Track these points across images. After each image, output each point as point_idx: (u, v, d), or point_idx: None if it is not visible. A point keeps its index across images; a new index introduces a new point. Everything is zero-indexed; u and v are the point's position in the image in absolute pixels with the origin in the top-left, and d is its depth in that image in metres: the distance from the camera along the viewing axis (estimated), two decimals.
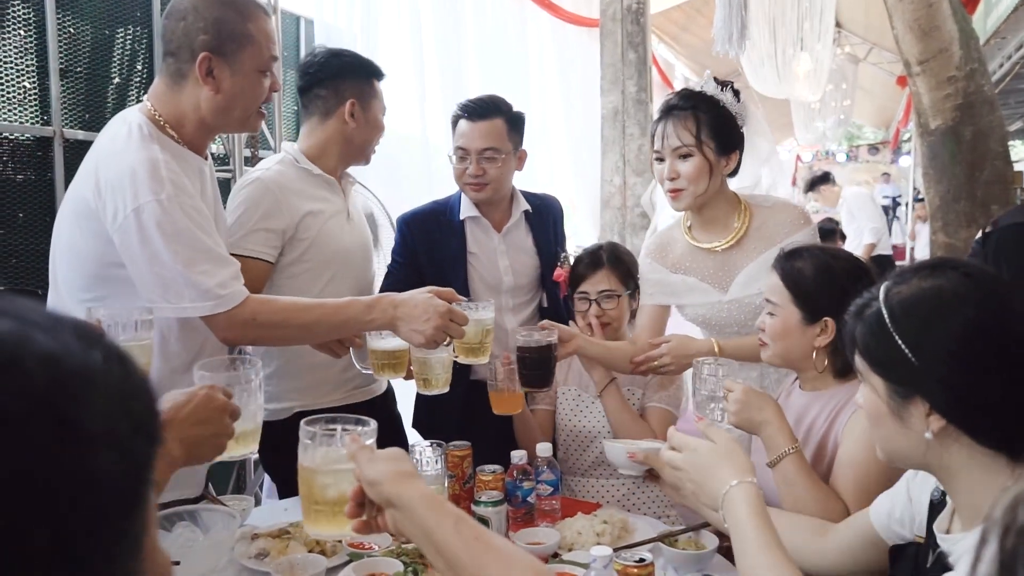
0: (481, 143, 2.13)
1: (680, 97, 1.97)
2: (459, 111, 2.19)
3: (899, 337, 0.99)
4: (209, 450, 1.18)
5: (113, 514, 0.43)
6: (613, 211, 4.62)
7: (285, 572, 1.48)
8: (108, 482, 0.43)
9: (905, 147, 9.88)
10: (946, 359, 0.97)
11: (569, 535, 1.66)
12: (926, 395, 0.98)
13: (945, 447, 0.99)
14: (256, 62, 1.62)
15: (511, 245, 2.26)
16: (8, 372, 0.41)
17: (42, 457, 0.40)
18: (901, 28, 4.94)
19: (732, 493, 1.11)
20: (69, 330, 0.46)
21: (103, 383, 0.45)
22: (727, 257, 1.97)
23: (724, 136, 1.92)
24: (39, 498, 0.39)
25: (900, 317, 1.00)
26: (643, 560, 1.34)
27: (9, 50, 2.26)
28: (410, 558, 1.55)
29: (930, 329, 0.98)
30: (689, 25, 6.98)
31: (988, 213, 5.01)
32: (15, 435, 0.39)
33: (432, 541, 0.91)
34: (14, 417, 0.40)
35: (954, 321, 0.97)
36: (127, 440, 0.44)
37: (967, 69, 4.93)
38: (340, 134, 2.05)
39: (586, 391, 2.15)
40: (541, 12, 5.18)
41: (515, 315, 2.25)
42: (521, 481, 1.78)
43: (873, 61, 9.05)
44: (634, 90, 4.53)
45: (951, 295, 0.99)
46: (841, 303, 1.62)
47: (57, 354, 0.43)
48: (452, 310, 1.63)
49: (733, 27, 3.80)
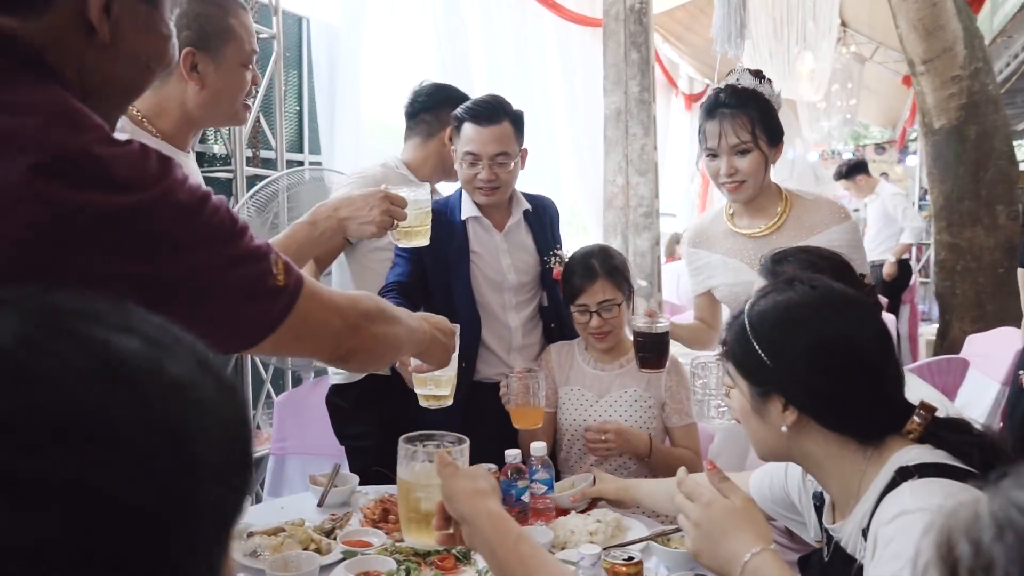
0: (493, 148, 2.12)
1: (729, 95, 2.01)
2: (465, 114, 2.15)
3: (756, 344, 1.15)
4: (439, 354, 1.42)
5: (211, 544, 0.44)
6: (616, 211, 4.62)
7: (279, 569, 1.49)
8: (213, 514, 0.43)
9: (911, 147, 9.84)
10: (795, 360, 1.13)
11: (562, 534, 1.67)
12: (780, 392, 1.14)
13: (802, 436, 1.15)
14: (239, 56, 1.65)
15: (512, 244, 2.26)
16: (139, 402, 0.41)
17: (163, 489, 0.40)
18: (905, 27, 4.93)
19: (754, 562, 1.10)
20: (189, 354, 0.46)
21: (219, 415, 0.45)
22: (765, 242, 2.02)
23: (772, 128, 2.01)
24: (155, 529, 0.40)
25: (757, 327, 1.16)
26: (632, 558, 1.35)
27: None
28: (403, 556, 1.57)
29: (781, 336, 1.15)
30: (693, 25, 6.97)
31: (992, 212, 4.99)
32: (140, 466, 0.39)
33: (495, 556, 1.01)
34: (141, 448, 0.40)
35: (800, 327, 1.14)
36: (234, 473, 0.45)
37: (971, 68, 4.91)
38: (438, 154, 2.33)
39: (589, 391, 2.15)
40: (544, 11, 5.18)
41: (518, 312, 2.26)
42: (515, 480, 1.79)
43: (879, 60, 9.01)
44: (637, 90, 4.52)
45: (797, 306, 1.15)
46: None
47: (184, 383, 0.43)
48: (389, 194, 1.69)
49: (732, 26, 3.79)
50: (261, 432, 3.08)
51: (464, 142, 2.14)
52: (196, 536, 0.42)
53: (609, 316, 2.09)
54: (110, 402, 0.40)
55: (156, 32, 0.95)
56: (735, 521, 1.14)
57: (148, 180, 0.83)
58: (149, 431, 0.40)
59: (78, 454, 0.38)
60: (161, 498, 0.40)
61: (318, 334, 1.05)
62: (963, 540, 0.48)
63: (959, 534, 0.48)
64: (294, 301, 0.97)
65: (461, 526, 1.07)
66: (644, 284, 4.33)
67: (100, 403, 0.39)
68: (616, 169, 4.61)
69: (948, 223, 5.24)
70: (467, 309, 2.17)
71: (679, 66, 8.20)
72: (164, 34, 0.97)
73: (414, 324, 1.31)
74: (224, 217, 0.91)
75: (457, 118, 2.17)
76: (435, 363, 1.46)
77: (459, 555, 1.58)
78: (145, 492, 0.39)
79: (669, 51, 7.67)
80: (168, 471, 0.40)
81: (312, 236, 1.69)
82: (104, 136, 0.83)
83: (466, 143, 2.13)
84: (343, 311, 1.07)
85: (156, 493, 0.39)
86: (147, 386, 0.41)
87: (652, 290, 4.49)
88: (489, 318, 2.22)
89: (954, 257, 5.23)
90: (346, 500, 1.92)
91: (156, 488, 0.40)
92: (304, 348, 1.10)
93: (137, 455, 0.39)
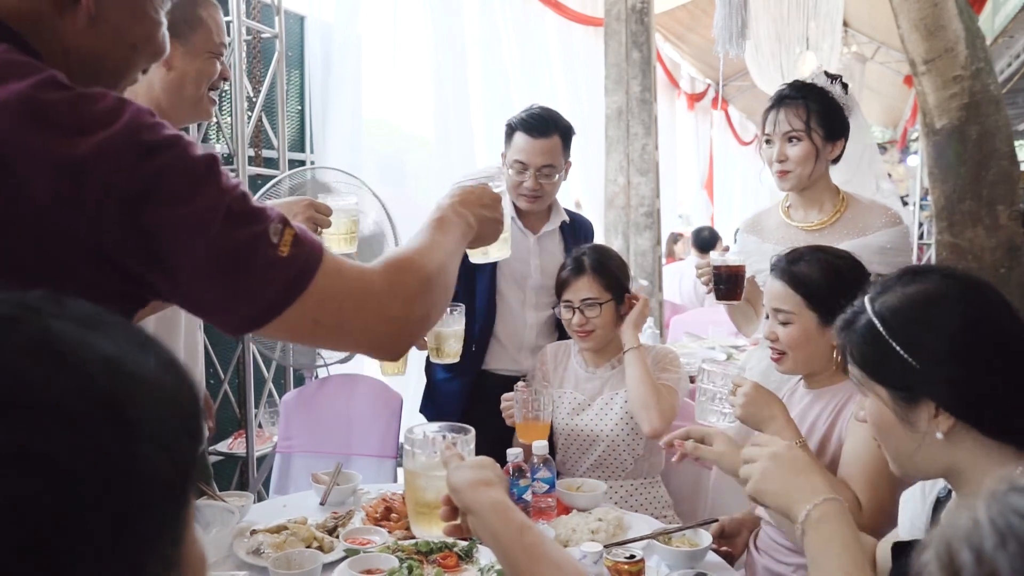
0: (541, 160, 2.21)
1: (791, 88, 2.10)
2: (518, 125, 2.24)
3: (896, 343, 1.02)
4: (491, 231, 1.28)
5: (158, 509, 0.45)
6: (617, 210, 4.62)
7: (282, 567, 1.50)
8: (156, 478, 0.44)
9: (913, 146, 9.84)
10: (946, 357, 1.00)
11: (564, 532, 1.68)
12: (932, 395, 1.01)
13: (955, 445, 1.02)
14: (207, 44, 1.73)
15: (544, 248, 2.34)
16: (71, 373, 0.43)
17: (100, 453, 0.42)
18: (907, 27, 4.92)
19: (818, 511, 1.08)
20: (123, 333, 0.48)
21: (156, 385, 0.47)
22: (817, 236, 2.06)
23: (831, 124, 2.06)
24: (95, 491, 0.41)
25: (893, 324, 1.03)
26: (633, 556, 1.35)
27: None
28: (405, 554, 1.57)
29: (925, 331, 1.02)
30: (695, 25, 6.97)
31: (993, 213, 4.99)
32: (77, 433, 0.41)
33: (500, 546, 1.00)
34: (76, 415, 0.42)
35: (947, 320, 1.01)
36: (175, 440, 0.46)
37: (973, 68, 4.91)
38: None
39: (581, 394, 2.15)
40: (546, 10, 5.19)
41: (536, 311, 2.34)
42: (517, 479, 1.80)
43: (881, 60, 9.01)
44: (638, 90, 4.53)
45: (938, 296, 1.03)
46: (851, 297, 1.65)
47: (116, 357, 0.45)
48: (313, 202, 1.72)
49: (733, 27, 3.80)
50: (263, 431, 3.09)
51: (514, 150, 2.24)
52: (144, 501, 0.43)
53: (592, 315, 2.08)
54: (45, 375, 0.42)
55: (144, 14, 0.95)
56: (806, 467, 1.13)
57: (99, 122, 0.78)
58: (82, 399, 0.42)
59: (17, 424, 0.40)
60: (97, 462, 0.41)
61: (351, 323, 0.89)
62: (964, 549, 0.47)
63: (960, 543, 0.48)
64: (304, 279, 0.84)
65: (467, 516, 1.07)
66: (645, 284, 4.33)
67: (35, 376, 0.42)
68: (617, 169, 4.62)
69: (949, 223, 5.24)
70: (486, 298, 2.27)
71: (680, 66, 8.19)
72: (153, 18, 0.96)
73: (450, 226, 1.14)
74: (199, 161, 0.81)
75: (510, 126, 2.26)
76: (492, 238, 1.30)
77: (461, 553, 1.59)
78: (81, 456, 0.41)
79: (670, 51, 7.67)
80: (102, 436, 0.42)
81: None
82: (50, 80, 0.79)
83: (516, 151, 2.23)
84: (375, 282, 0.91)
85: (92, 457, 0.41)
86: (79, 360, 0.44)
87: (653, 289, 4.49)
88: (506, 311, 2.30)
89: (955, 257, 5.23)
90: (348, 498, 1.93)
91: (92, 452, 0.41)
92: (338, 339, 0.94)
93: (72, 422, 0.41)
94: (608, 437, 2.07)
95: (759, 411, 1.58)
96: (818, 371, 1.70)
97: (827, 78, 2.11)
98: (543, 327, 2.35)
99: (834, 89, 2.09)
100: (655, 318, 4.27)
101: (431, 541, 1.61)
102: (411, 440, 1.24)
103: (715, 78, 8.80)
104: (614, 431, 2.08)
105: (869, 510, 1.46)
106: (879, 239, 2.02)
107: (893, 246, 2.02)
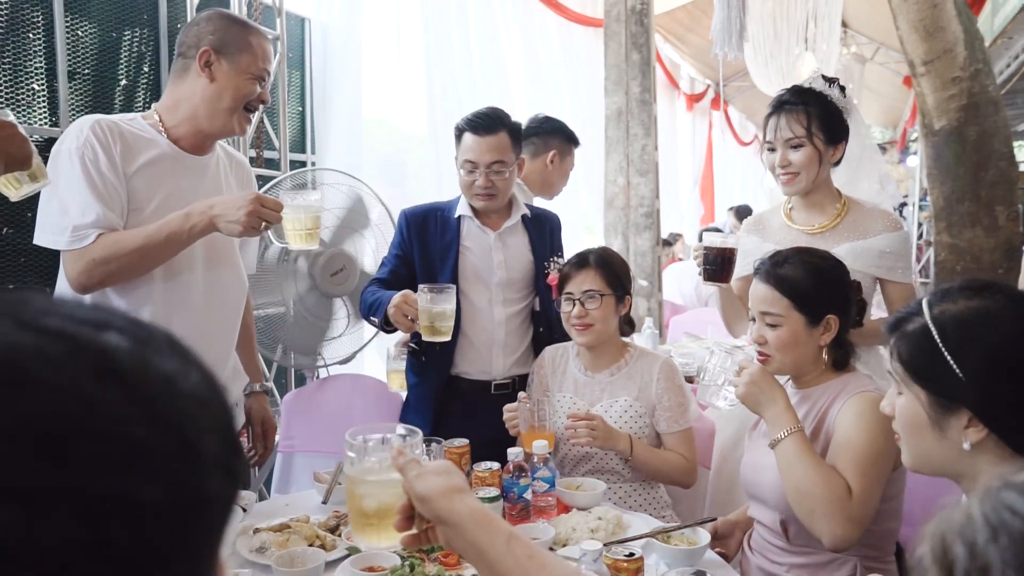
0: (489, 157, 2.22)
1: (791, 93, 2.13)
2: (465, 125, 2.26)
3: (948, 353, 1.06)
4: None
5: (219, 528, 0.44)
6: (617, 211, 4.64)
7: (285, 565, 1.51)
8: (219, 500, 0.43)
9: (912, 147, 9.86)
10: (992, 374, 1.05)
11: (564, 531, 1.69)
12: (970, 406, 1.06)
13: (978, 456, 1.07)
14: (251, 67, 1.85)
15: (506, 243, 2.33)
16: (138, 400, 0.40)
17: (176, 488, 0.40)
18: (906, 28, 4.93)
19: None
20: (166, 344, 0.44)
21: (207, 402, 0.44)
22: (818, 240, 2.08)
23: (832, 128, 2.09)
24: (173, 526, 0.40)
25: (950, 334, 1.07)
26: (633, 554, 1.36)
27: (19, 53, 2.30)
28: (407, 552, 1.58)
29: (979, 347, 1.06)
30: (695, 26, 6.98)
31: (992, 214, 5.00)
32: (156, 470, 0.39)
33: (485, 559, 0.91)
34: (154, 451, 0.40)
35: (1001, 340, 1.05)
36: (227, 458, 0.44)
37: (972, 70, 4.92)
38: (541, 171, 2.98)
39: (580, 399, 2.15)
40: (548, 12, 5.20)
41: (504, 308, 2.32)
42: (518, 478, 1.81)
43: (880, 61, 9.03)
44: (638, 91, 4.54)
45: (998, 316, 1.07)
46: (837, 297, 1.68)
47: (172, 376, 0.43)
48: (261, 196, 1.74)
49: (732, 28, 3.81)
50: None
51: (463, 151, 2.26)
52: (209, 527, 0.43)
53: (592, 307, 2.07)
54: (110, 404, 0.39)
55: None
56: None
57: None
58: (153, 431, 0.40)
59: (89, 461, 0.37)
60: (174, 497, 0.40)
61: None
62: (958, 543, 0.48)
63: (953, 537, 0.49)
64: None
65: (437, 528, 0.97)
66: (644, 284, 4.35)
67: (110, 407, 0.39)
68: (617, 169, 4.63)
69: (948, 224, 5.25)
70: None
71: (680, 67, 8.20)
72: None
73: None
74: None
75: (459, 128, 2.28)
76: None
77: None
78: (160, 490, 0.39)
79: (670, 52, 7.68)
80: (176, 470, 0.40)
81: (184, 227, 1.73)
82: None
83: (465, 152, 2.25)
84: None
85: (170, 487, 0.39)
86: (141, 382, 0.41)
87: (652, 289, 4.51)
88: (472, 310, 2.28)
89: (954, 258, 5.24)
90: None
91: (170, 489, 0.39)
92: None
93: (151, 459, 0.39)
94: None
95: (760, 393, 1.61)
96: (805, 372, 1.71)
97: (825, 82, 2.13)
98: (514, 324, 2.33)
99: (832, 92, 2.11)
100: (655, 318, 4.28)
101: None
102: (352, 444, 1.11)
103: (715, 79, 8.81)
104: None
105: (858, 498, 1.51)
106: (879, 243, 2.04)
107: (892, 250, 2.04)
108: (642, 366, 2.13)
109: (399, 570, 1.51)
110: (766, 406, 1.60)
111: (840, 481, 1.51)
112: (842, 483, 1.51)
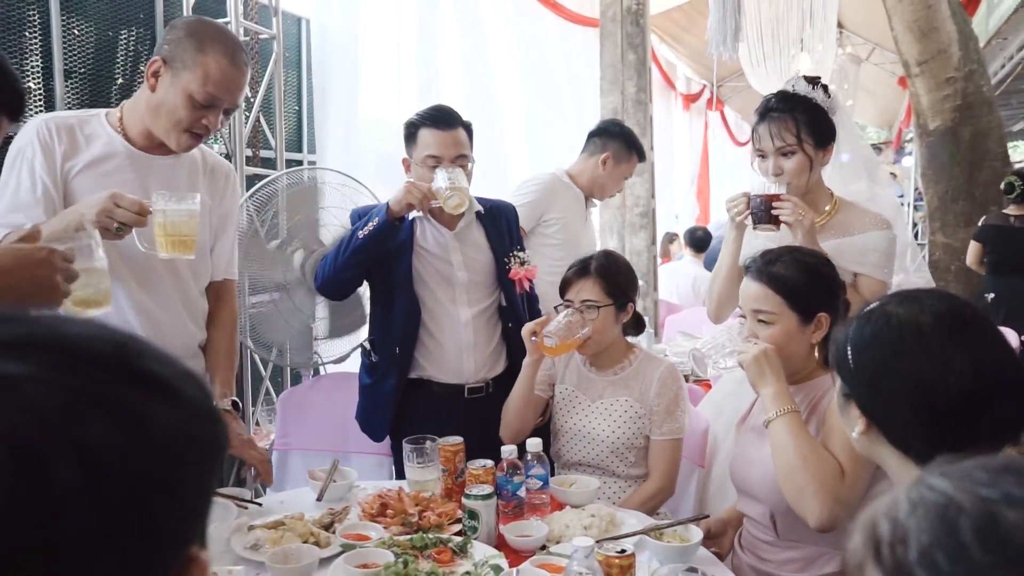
0: (454, 151, 2.17)
1: (778, 100, 2.13)
2: (423, 121, 2.19)
3: (850, 347, 1.17)
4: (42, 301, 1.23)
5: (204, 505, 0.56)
6: (612, 211, 4.65)
7: (279, 562, 1.52)
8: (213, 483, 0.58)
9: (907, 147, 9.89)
10: (869, 374, 1.14)
11: (557, 528, 1.70)
12: (855, 396, 1.17)
13: (873, 444, 1.18)
14: (191, 87, 1.76)
15: (464, 242, 2.28)
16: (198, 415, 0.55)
17: (205, 474, 0.55)
18: (900, 29, 4.96)
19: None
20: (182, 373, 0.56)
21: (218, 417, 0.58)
22: None
23: (820, 132, 2.09)
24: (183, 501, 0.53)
25: (855, 331, 1.17)
26: (624, 551, 1.37)
27: (15, 52, 2.30)
28: (401, 549, 1.60)
29: (869, 346, 1.14)
30: (691, 26, 7.00)
31: (986, 213, 5.03)
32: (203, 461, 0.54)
33: None
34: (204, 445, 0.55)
35: (881, 346, 1.13)
36: (221, 453, 0.58)
37: (966, 70, 4.95)
38: (592, 172, 3.09)
39: (583, 393, 2.14)
40: (545, 11, 5.20)
41: (470, 307, 2.27)
42: (511, 475, 1.82)
43: (875, 61, 9.06)
44: (633, 91, 4.55)
45: (898, 326, 1.12)
46: (828, 295, 1.69)
47: (199, 399, 0.56)
48: (117, 195, 1.63)
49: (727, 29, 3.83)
50: (260, 428, 3.11)
51: (423, 147, 2.19)
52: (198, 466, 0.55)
53: (590, 317, 2.05)
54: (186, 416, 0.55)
55: None
56: (780, 376, 1.60)
57: None
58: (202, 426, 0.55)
59: None
60: (208, 477, 0.56)
61: None
62: (883, 520, 0.53)
63: (881, 516, 0.54)
64: None
65: None
66: (640, 284, 4.36)
67: None
68: None
69: (942, 223, 5.28)
70: (406, 302, 2.22)
71: (676, 67, 8.22)
72: None
73: None
74: None
75: (413, 124, 2.22)
76: None
77: (456, 548, 1.61)
78: (205, 479, 0.56)
79: (666, 52, 7.70)
80: (212, 462, 0.56)
81: (63, 221, 1.67)
82: None
83: (426, 147, 2.18)
84: None
85: (204, 478, 0.55)
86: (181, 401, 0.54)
87: (648, 289, 4.52)
88: (437, 312, 2.25)
89: (948, 257, 5.27)
90: (344, 495, 1.95)
91: (203, 476, 0.55)
92: None
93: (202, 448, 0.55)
94: (605, 442, 2.06)
95: (767, 367, 1.62)
96: (797, 369, 1.72)
97: (808, 83, 2.13)
98: (481, 323, 2.27)
99: (817, 95, 2.11)
100: (650, 317, 4.29)
101: (426, 536, 1.63)
102: None
103: (711, 79, 8.83)
104: (611, 437, 2.06)
105: (849, 479, 1.54)
106: (862, 240, 2.05)
107: (875, 248, 2.04)
108: (645, 369, 2.11)
109: (392, 567, 1.52)
110: (767, 382, 1.61)
111: (833, 462, 1.54)
112: (835, 463, 1.54)
